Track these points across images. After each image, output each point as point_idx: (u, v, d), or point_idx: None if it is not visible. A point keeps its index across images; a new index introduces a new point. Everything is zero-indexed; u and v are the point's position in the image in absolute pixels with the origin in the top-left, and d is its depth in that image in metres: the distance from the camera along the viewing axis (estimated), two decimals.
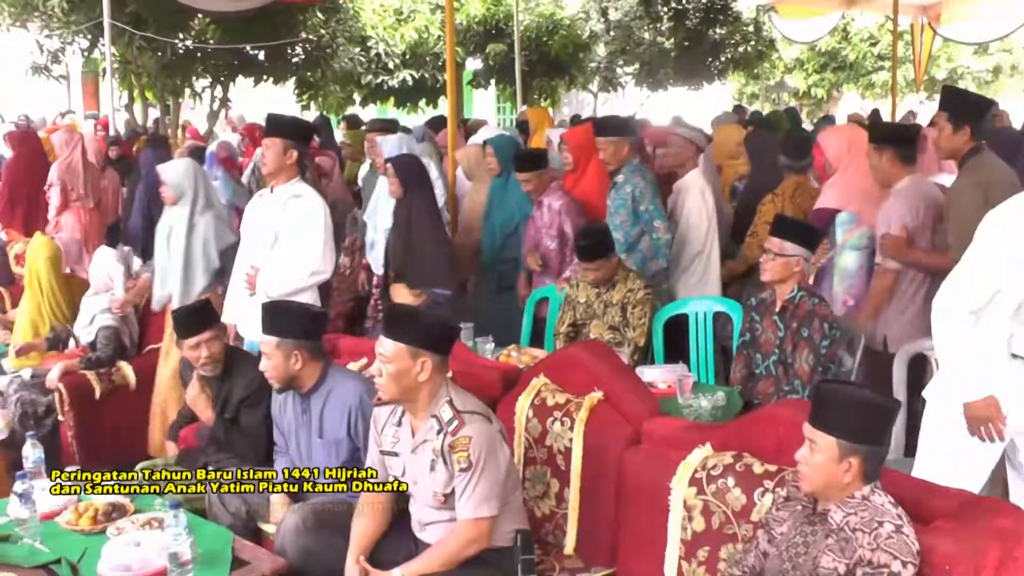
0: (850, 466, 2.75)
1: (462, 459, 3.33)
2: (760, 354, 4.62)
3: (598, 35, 16.90)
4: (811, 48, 23.89)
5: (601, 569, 3.66)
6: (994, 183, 4.64)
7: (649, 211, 5.88)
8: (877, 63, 23.99)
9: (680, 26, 15.93)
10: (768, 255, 4.53)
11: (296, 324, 4.04)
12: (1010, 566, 2.77)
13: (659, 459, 3.49)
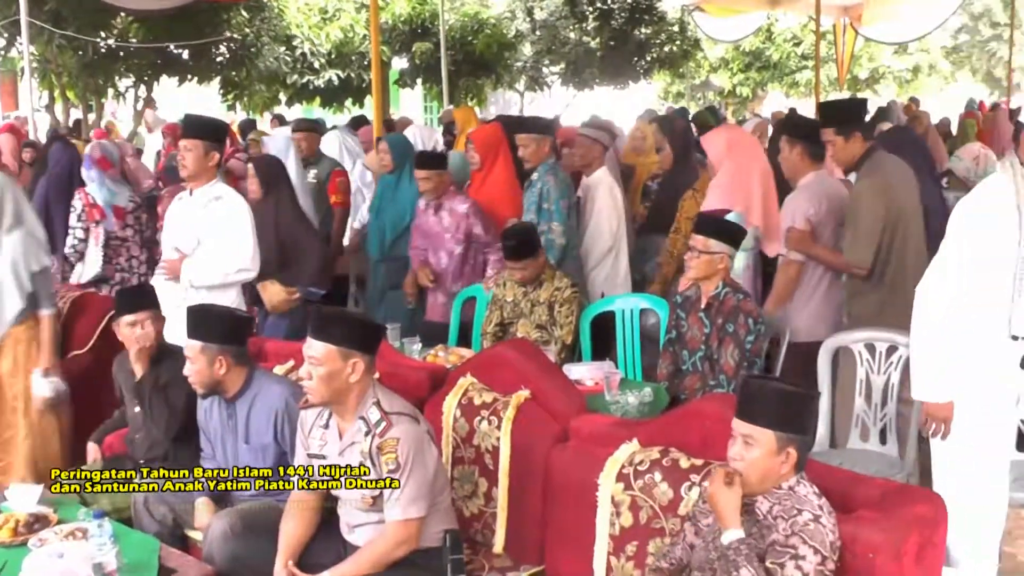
0: (788, 456, 2.79)
1: (390, 460, 3.32)
2: (686, 350, 4.67)
3: (524, 34, 16.95)
4: (736, 48, 24.21)
5: (530, 567, 3.67)
6: (894, 184, 4.88)
7: (550, 211, 5.91)
8: (800, 62, 24.41)
9: (606, 26, 16.03)
10: (693, 253, 4.59)
11: (220, 328, 3.99)
12: (930, 551, 2.86)
13: (586, 456, 3.51)
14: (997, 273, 3.55)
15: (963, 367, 3.68)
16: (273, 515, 3.67)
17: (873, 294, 4.95)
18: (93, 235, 6.49)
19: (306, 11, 16.22)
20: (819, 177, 5.29)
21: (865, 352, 4.68)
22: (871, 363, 4.66)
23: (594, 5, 16.01)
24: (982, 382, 3.65)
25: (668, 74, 21.20)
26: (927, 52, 28.96)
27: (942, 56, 31.61)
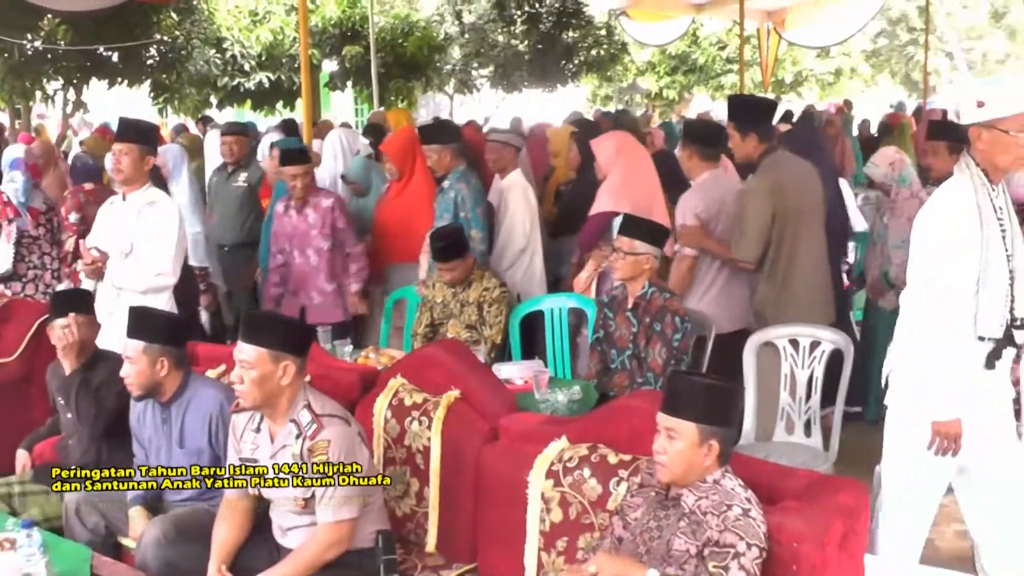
0: (710, 449, 2.83)
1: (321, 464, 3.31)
2: (615, 349, 4.70)
3: (453, 38, 16.93)
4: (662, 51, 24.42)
5: (463, 565, 3.67)
6: (785, 183, 5.04)
7: (468, 219, 5.92)
8: (726, 66, 24.69)
9: (533, 29, 16.07)
10: (619, 254, 4.62)
11: (163, 330, 3.95)
12: (853, 540, 2.92)
13: (516, 454, 3.52)
14: (962, 275, 3.50)
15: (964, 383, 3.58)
16: (206, 520, 3.63)
17: (768, 288, 5.11)
18: (5, 232, 6.36)
19: (236, 13, 16.04)
20: (713, 176, 5.43)
21: (789, 347, 4.76)
22: (795, 358, 4.73)
23: (522, 9, 16.04)
24: (950, 383, 3.58)
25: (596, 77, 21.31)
26: (848, 56, 29.47)
27: (863, 60, 32.15)
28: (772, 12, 19.29)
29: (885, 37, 37.28)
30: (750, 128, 5.14)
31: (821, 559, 2.80)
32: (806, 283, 5.10)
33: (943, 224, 3.53)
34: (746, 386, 4.73)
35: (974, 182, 3.52)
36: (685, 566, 2.78)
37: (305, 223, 6.03)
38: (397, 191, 6.50)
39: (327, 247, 6.04)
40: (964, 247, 3.48)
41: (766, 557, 2.77)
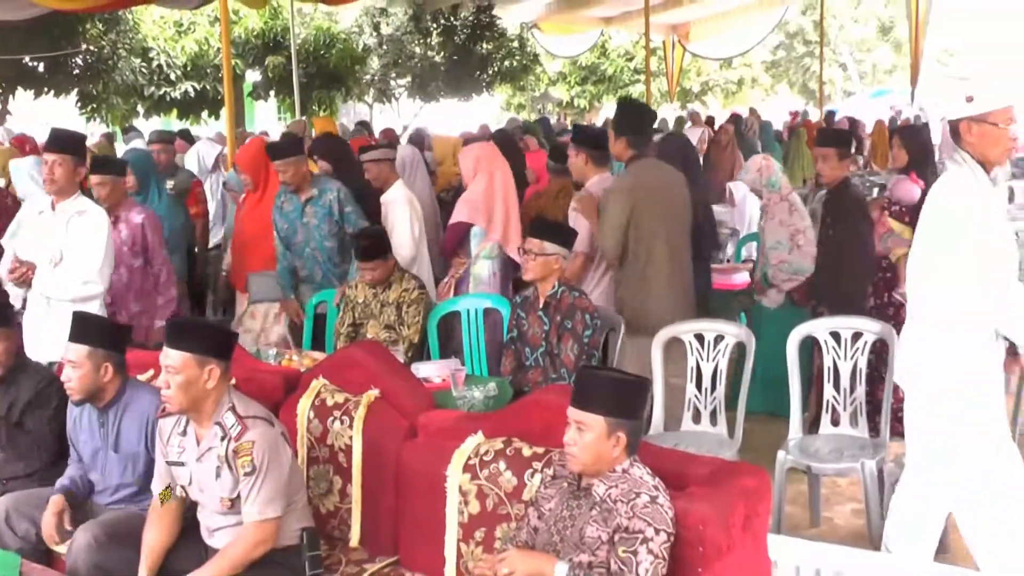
0: (618, 440, 2.85)
1: (246, 463, 3.27)
2: (528, 347, 4.72)
3: (372, 49, 16.84)
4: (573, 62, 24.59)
5: (385, 558, 3.65)
6: (645, 186, 5.22)
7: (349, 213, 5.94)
8: (633, 76, 24.94)
9: (449, 41, 16.06)
10: (530, 255, 4.64)
11: (108, 335, 3.89)
12: (755, 521, 2.98)
13: (435, 449, 3.52)
14: (976, 268, 3.41)
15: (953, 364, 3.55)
16: (136, 524, 3.57)
17: (628, 285, 5.26)
18: None
19: (161, 24, 15.77)
20: (601, 179, 5.55)
21: (695, 342, 4.82)
22: (700, 351, 4.80)
23: (438, 21, 16.00)
24: (967, 382, 3.52)
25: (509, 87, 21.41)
26: (750, 67, 30.06)
27: (763, 70, 32.82)
28: (676, 26, 19.63)
29: (783, 49, 38.07)
30: (625, 132, 5.34)
31: (726, 540, 2.85)
32: (665, 282, 5.23)
33: (951, 218, 3.46)
34: (654, 379, 4.79)
35: (975, 174, 3.47)
36: (597, 552, 2.80)
37: (119, 239, 5.47)
38: (254, 202, 6.41)
39: (138, 264, 5.55)
40: (975, 239, 3.41)
41: (674, 540, 2.80)
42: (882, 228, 5.76)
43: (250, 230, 6.42)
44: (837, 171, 5.61)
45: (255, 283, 6.32)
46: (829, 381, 4.72)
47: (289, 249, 6.05)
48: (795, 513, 4.90)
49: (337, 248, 6.01)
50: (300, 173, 5.93)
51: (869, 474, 4.33)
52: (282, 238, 6.05)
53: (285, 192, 6.04)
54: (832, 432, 4.73)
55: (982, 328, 3.48)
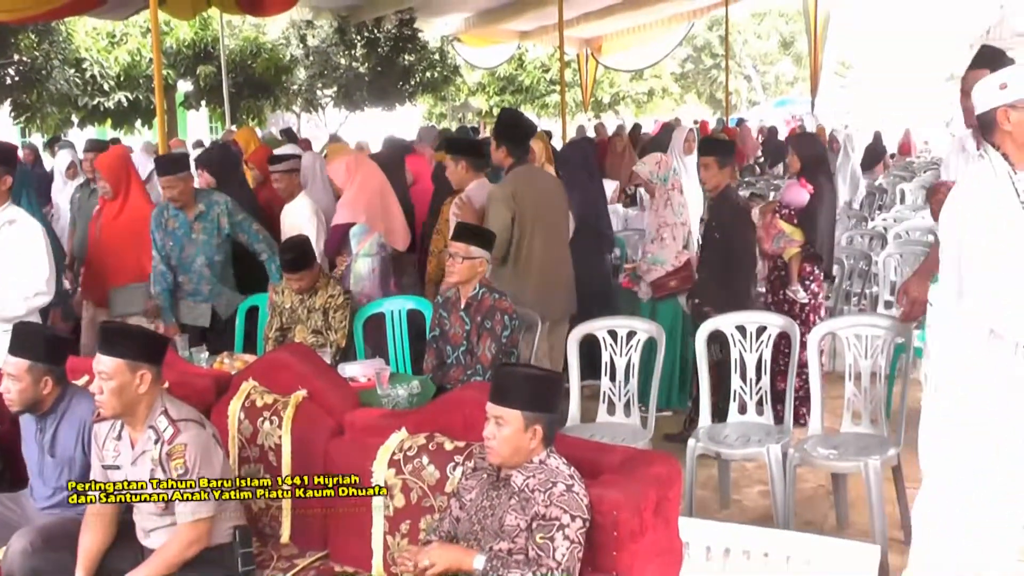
0: (535, 433, 2.87)
1: (179, 465, 3.22)
2: (450, 346, 4.70)
3: (298, 59, 16.66)
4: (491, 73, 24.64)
5: (315, 553, 3.61)
6: (523, 191, 5.38)
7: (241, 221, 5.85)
8: (549, 87, 25.06)
9: (373, 53, 15.94)
10: (456, 259, 4.62)
11: (49, 348, 3.76)
12: (666, 505, 3.01)
13: (361, 446, 3.49)
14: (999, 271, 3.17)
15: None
16: (72, 528, 3.47)
17: (510, 277, 5.35)
18: None
19: (94, 35, 15.42)
20: (480, 184, 5.65)
21: (608, 337, 4.86)
22: (614, 347, 4.84)
23: (362, 34, 15.88)
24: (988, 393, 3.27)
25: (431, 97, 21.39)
26: (659, 78, 30.41)
27: (672, 81, 33.21)
28: (590, 40, 19.83)
29: (691, 62, 38.62)
30: (505, 141, 5.54)
31: (639, 524, 2.87)
32: (543, 279, 5.36)
33: (970, 220, 3.25)
34: (570, 375, 4.81)
35: (996, 171, 3.29)
36: (516, 539, 2.81)
37: None
38: (114, 212, 6.07)
39: None
40: (996, 241, 3.18)
41: (590, 526, 2.82)
42: (774, 230, 5.89)
43: (112, 242, 6.04)
44: (717, 178, 5.76)
45: (119, 297, 6.02)
46: (736, 372, 4.80)
47: (171, 266, 5.77)
48: (706, 496, 4.98)
49: (224, 261, 5.88)
50: (188, 190, 5.74)
51: (774, 458, 4.40)
52: (163, 256, 5.74)
53: (170, 210, 5.76)
54: (739, 420, 4.81)
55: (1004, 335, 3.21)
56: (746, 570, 3.63)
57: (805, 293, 5.81)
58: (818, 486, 5.12)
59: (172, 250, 5.76)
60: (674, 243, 6.14)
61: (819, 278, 5.99)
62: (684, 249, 6.19)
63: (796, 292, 5.79)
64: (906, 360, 4.67)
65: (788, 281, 5.86)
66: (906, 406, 4.46)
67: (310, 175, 6.55)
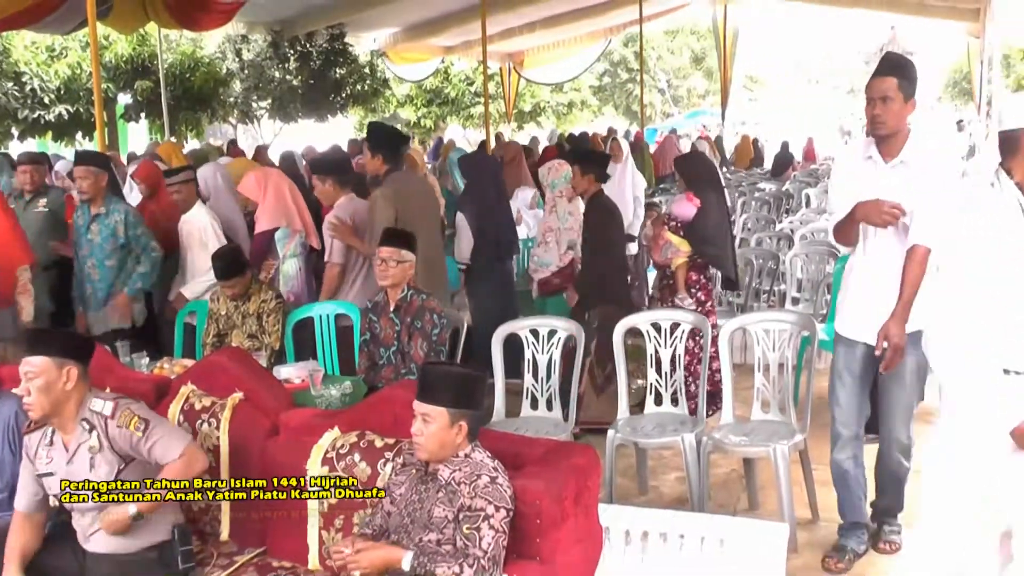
0: (460, 429, 2.86)
1: (136, 424, 3.16)
2: (381, 347, 4.67)
3: (234, 73, 16.38)
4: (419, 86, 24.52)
5: (254, 549, 3.55)
6: (402, 192, 5.50)
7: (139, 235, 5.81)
8: (474, 99, 24.97)
9: (305, 66, 15.76)
10: (388, 263, 4.58)
11: None
12: (586, 494, 3.04)
13: (295, 445, 3.45)
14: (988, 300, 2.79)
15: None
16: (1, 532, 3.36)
17: None
18: None
19: (33, 49, 14.96)
20: (348, 199, 5.73)
21: (531, 336, 4.86)
22: (536, 345, 4.85)
23: (294, 48, 15.70)
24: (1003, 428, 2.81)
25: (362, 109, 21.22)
26: (579, 91, 30.50)
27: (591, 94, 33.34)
28: (512, 54, 19.92)
29: (609, 76, 38.90)
30: (379, 150, 5.62)
31: (560, 512, 2.89)
32: (426, 268, 5.34)
33: (980, 252, 2.80)
34: (495, 373, 4.80)
35: (1007, 202, 2.81)
36: (444, 530, 2.80)
37: None
38: None
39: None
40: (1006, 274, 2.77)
41: (514, 515, 2.83)
42: (662, 241, 5.95)
43: None
44: (582, 184, 6.06)
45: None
46: (652, 366, 4.84)
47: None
48: (626, 484, 5.02)
49: (117, 269, 5.81)
50: (97, 186, 5.75)
51: (689, 446, 4.44)
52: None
53: (82, 205, 5.83)
54: (656, 411, 4.84)
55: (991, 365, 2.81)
56: (663, 552, 3.67)
57: (691, 300, 5.85)
58: (731, 471, 5.19)
59: (74, 245, 5.80)
60: (557, 247, 6.42)
61: (706, 286, 5.99)
62: (569, 251, 6.41)
63: (682, 300, 5.83)
64: (811, 352, 4.75)
65: (676, 289, 5.90)
66: (812, 395, 4.53)
67: (212, 187, 6.50)
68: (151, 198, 6.62)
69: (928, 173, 3.75)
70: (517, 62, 20.43)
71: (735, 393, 4.66)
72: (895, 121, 3.77)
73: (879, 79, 3.77)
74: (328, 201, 5.74)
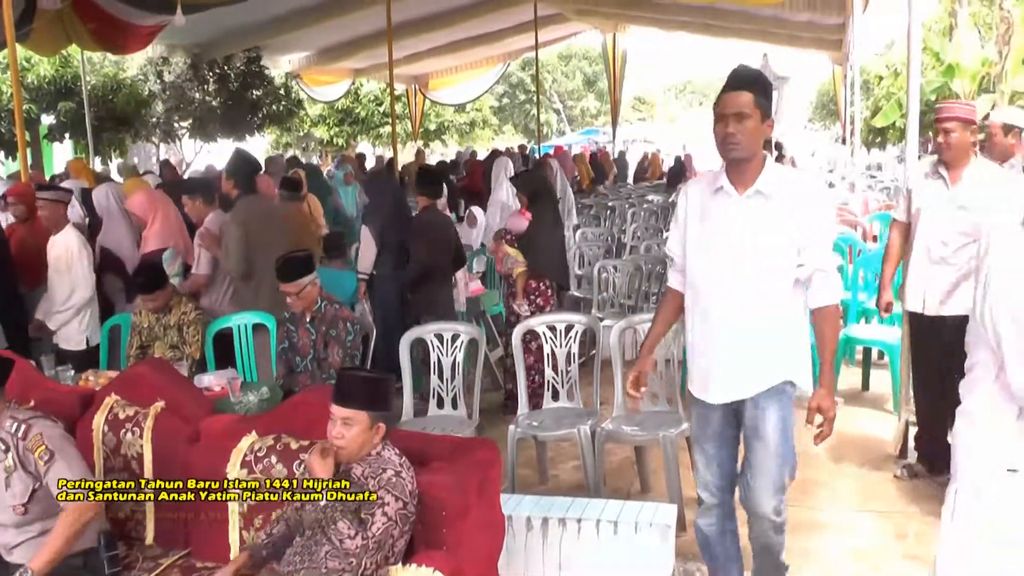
0: (379, 430, 2.85)
1: (42, 452, 3.02)
2: (299, 356, 4.61)
3: (156, 94, 15.94)
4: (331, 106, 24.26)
5: (178, 552, 3.45)
6: (250, 216, 5.52)
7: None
8: (383, 119, 24.85)
9: (224, 88, 15.45)
10: (292, 296, 4.48)
11: None
12: (488, 485, 3.04)
13: (216, 450, 3.37)
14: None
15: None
16: None
17: (245, 290, 5.57)
18: None
19: None
20: (216, 215, 5.83)
21: (436, 340, 4.86)
22: (440, 348, 4.85)
23: (213, 70, 15.39)
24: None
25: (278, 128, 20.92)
26: (480, 111, 30.61)
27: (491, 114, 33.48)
28: (417, 76, 19.87)
29: (508, 97, 39.13)
30: (234, 176, 5.70)
31: (464, 503, 2.90)
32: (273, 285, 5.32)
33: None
34: (403, 374, 4.78)
35: None
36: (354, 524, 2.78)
37: None
38: None
39: None
40: None
41: (421, 508, 2.83)
42: (502, 253, 6.05)
43: None
44: (419, 200, 6.23)
45: None
46: (549, 365, 4.88)
47: None
48: (527, 474, 5.04)
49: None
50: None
51: (584, 436, 4.49)
52: None
53: None
54: (553, 406, 4.89)
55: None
56: (562, 536, 3.70)
57: (528, 307, 5.91)
58: (624, 458, 5.25)
59: None
60: None
61: (545, 293, 6.03)
62: None
63: (520, 307, 5.92)
64: None
65: (515, 297, 5.96)
66: None
67: (105, 208, 6.33)
68: (25, 221, 6.17)
69: (797, 207, 2.99)
70: (423, 84, 20.40)
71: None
72: (750, 142, 2.97)
73: (733, 94, 2.98)
74: (199, 217, 5.81)
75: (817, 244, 3.00)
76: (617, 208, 11.67)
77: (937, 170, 4.46)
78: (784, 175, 3.06)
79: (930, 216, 4.47)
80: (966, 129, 4.33)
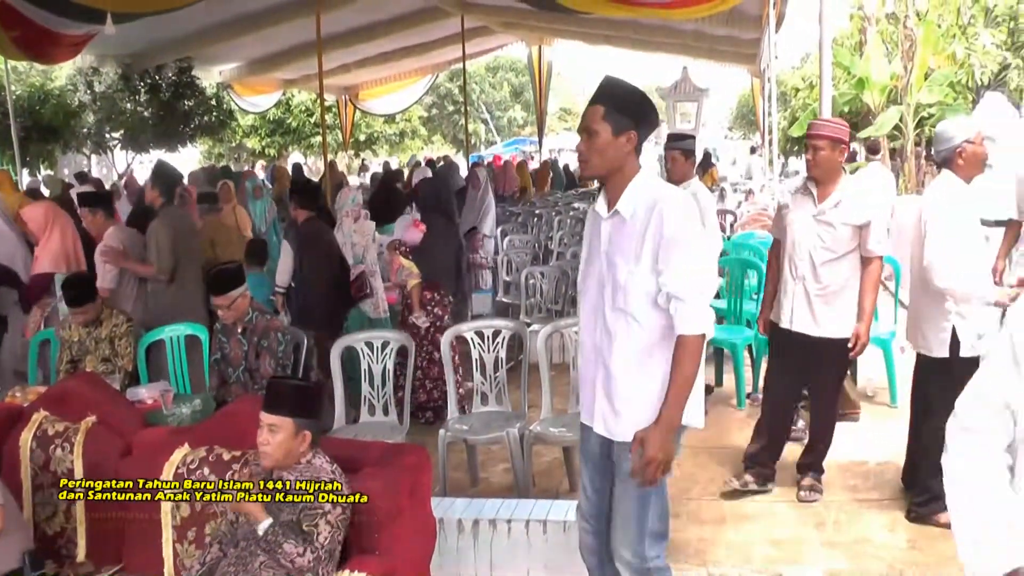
0: (304, 437, 2.82)
1: None
2: (231, 367, 4.52)
3: (86, 104, 15.44)
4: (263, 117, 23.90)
5: (111, 567, 3.36)
6: (174, 224, 5.65)
7: None
8: (314, 129, 24.58)
9: (155, 98, 15.02)
10: (224, 309, 4.39)
11: None
12: (419, 489, 3.06)
13: (148, 464, 3.29)
14: None
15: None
16: None
17: (168, 293, 5.63)
18: None
19: None
20: (117, 228, 5.75)
21: (366, 348, 4.82)
22: (371, 356, 4.81)
23: (144, 80, 14.96)
24: None
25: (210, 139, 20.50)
26: (410, 121, 30.49)
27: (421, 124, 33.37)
28: (348, 87, 19.70)
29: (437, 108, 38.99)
30: (159, 185, 5.75)
31: (395, 507, 2.90)
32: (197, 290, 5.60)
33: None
34: (334, 382, 4.73)
35: None
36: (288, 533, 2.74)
37: None
38: None
39: None
40: None
41: (352, 513, 2.82)
42: (396, 264, 5.99)
43: None
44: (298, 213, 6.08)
45: None
46: (478, 370, 4.88)
47: None
48: (459, 477, 5.01)
49: None
50: None
51: (513, 439, 4.49)
52: None
53: None
54: (483, 410, 4.89)
55: None
56: (493, 536, 3.71)
57: (426, 318, 5.89)
58: (552, 459, 5.27)
59: None
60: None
61: (442, 302, 6.00)
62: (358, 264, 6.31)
63: (417, 319, 5.88)
64: None
65: (412, 308, 5.91)
66: None
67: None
68: None
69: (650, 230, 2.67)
70: (353, 95, 20.20)
71: (553, 389, 4.74)
72: (599, 159, 2.71)
73: (587, 108, 2.75)
74: (98, 231, 5.68)
75: (670, 270, 2.64)
76: (544, 215, 11.72)
77: (807, 187, 4.37)
78: (644, 194, 2.71)
79: (796, 231, 4.37)
80: (835, 148, 4.21)
